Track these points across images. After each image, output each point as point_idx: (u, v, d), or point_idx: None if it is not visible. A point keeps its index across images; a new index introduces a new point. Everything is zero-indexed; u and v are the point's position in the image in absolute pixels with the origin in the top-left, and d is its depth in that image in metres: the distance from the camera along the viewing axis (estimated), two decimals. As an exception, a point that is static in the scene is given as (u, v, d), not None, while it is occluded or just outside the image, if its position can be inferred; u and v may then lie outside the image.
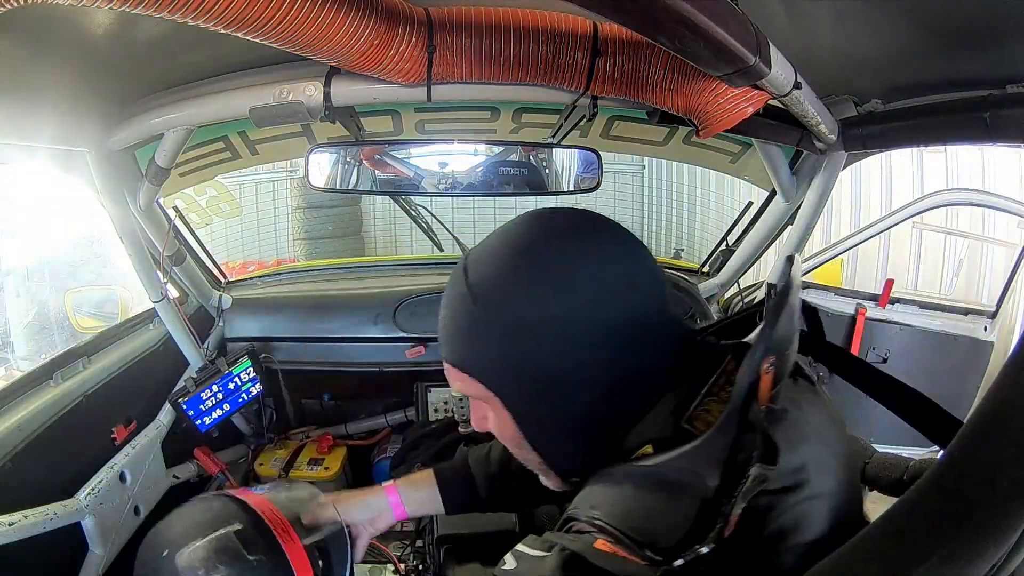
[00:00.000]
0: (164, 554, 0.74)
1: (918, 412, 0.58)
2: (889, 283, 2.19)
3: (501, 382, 0.58)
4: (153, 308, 1.46)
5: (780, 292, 0.52)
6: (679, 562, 0.44)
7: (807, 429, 0.51)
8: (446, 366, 0.61)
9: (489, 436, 0.67)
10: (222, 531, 0.75)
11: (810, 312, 0.61)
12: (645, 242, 0.62)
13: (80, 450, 1.19)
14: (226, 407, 1.56)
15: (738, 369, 0.50)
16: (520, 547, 0.56)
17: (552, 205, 0.64)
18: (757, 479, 0.44)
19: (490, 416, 0.61)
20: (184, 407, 1.47)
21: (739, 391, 0.48)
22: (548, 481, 0.65)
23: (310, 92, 0.89)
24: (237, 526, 0.76)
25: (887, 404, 0.60)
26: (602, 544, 0.48)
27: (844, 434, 0.58)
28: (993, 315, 2.14)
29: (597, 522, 0.50)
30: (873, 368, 0.61)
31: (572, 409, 0.57)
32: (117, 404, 1.32)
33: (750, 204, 1.66)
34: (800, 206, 1.36)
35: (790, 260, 0.64)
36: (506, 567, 0.56)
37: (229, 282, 1.86)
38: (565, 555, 0.50)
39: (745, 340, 0.59)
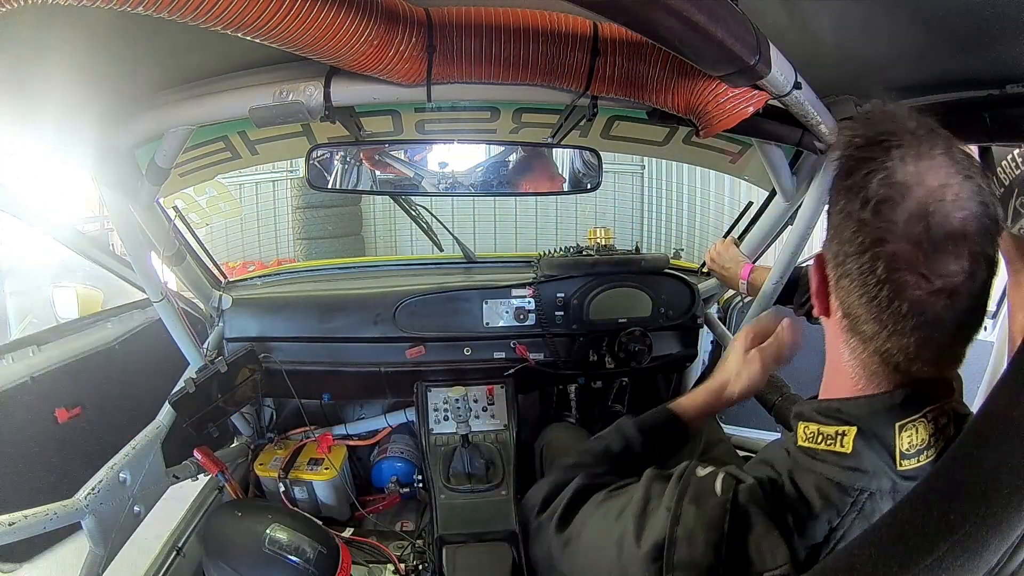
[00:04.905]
0: None
1: None
2: (889, 283, 2.18)
3: None
4: (153, 308, 1.46)
5: None
6: None
7: None
8: None
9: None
10: None
11: None
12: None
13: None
14: (226, 407, 1.56)
15: None
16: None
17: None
18: None
19: None
20: (184, 407, 1.47)
21: None
22: None
23: (310, 92, 0.89)
24: None
25: None
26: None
27: None
28: (993, 315, 2.13)
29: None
30: None
31: None
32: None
33: (750, 204, 1.66)
34: (800, 206, 1.36)
35: None
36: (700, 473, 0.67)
37: (229, 282, 1.86)
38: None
39: None
